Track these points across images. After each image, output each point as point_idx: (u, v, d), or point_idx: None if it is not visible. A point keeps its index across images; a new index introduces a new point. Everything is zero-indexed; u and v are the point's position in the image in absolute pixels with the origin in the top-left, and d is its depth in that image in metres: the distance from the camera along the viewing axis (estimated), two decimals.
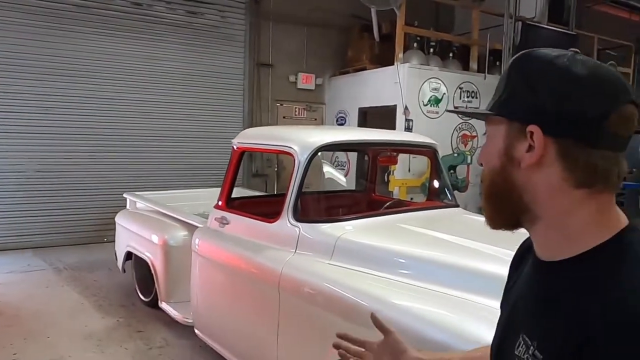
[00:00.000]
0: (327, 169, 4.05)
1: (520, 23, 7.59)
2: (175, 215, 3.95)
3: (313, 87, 8.07)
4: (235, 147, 3.23)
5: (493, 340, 0.94)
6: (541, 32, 7.74)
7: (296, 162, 2.71)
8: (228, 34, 7.27)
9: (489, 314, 1.88)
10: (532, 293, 0.81)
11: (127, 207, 4.86)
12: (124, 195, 4.93)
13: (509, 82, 0.78)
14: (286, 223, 2.67)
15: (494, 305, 1.89)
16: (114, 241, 4.86)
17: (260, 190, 6.43)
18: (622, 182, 0.75)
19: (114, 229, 4.84)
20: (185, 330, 3.57)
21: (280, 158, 7.76)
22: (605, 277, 0.68)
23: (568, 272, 0.73)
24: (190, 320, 3.40)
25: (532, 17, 7.93)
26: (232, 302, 2.94)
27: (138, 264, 4.34)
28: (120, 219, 4.58)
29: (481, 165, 0.85)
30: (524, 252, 0.96)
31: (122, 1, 6.51)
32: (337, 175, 4.54)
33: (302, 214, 2.72)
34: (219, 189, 5.28)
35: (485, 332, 1.77)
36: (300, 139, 2.79)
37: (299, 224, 2.62)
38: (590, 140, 0.70)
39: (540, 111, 0.72)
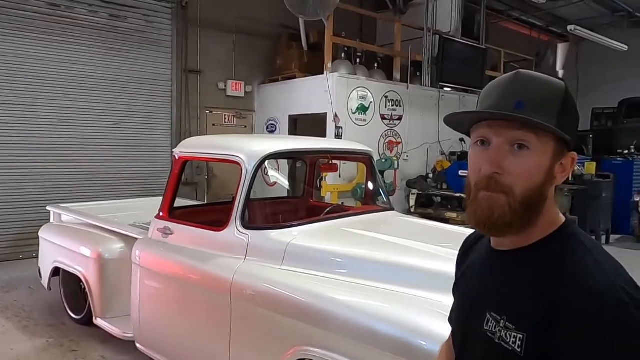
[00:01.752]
0: (273, 174, 4.11)
1: (437, 36, 8.15)
2: (109, 227, 3.81)
3: (243, 95, 8.08)
4: (176, 156, 3.20)
5: (454, 324, 1.08)
6: (456, 45, 8.37)
7: (243, 170, 2.76)
8: (154, 39, 7.08)
9: (432, 307, 2.07)
10: (494, 277, 0.95)
11: (51, 220, 4.59)
12: (48, 208, 4.64)
13: (565, 109, 0.88)
14: (234, 231, 2.71)
15: (434, 298, 2.10)
16: (35, 257, 4.56)
17: (190, 199, 6.31)
18: None
19: (35, 245, 4.54)
20: (124, 345, 3.46)
21: (210, 166, 7.67)
22: (560, 258, 0.86)
23: (530, 256, 0.90)
24: (130, 335, 3.31)
25: (447, 31, 8.54)
26: (180, 312, 2.92)
27: (67, 280, 4.12)
28: (45, 234, 4.31)
29: (494, 173, 0.86)
30: (468, 248, 1.13)
31: (37, 1, 6.12)
32: (284, 181, 4.62)
33: (250, 222, 2.77)
34: (149, 198, 5.21)
35: (428, 323, 1.96)
36: (247, 148, 2.85)
37: (248, 232, 2.67)
38: None
39: (574, 141, 0.91)
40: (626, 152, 9.85)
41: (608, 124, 12.09)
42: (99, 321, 3.59)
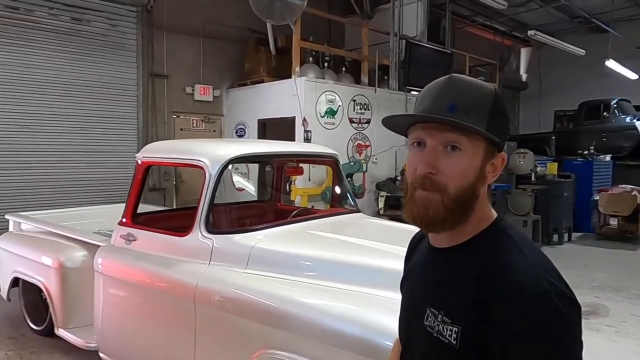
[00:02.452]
0: (238, 179, 4.09)
1: (404, 41, 8.29)
2: (71, 235, 3.72)
3: (211, 99, 8.01)
4: (139, 161, 3.17)
5: (401, 320, 1.12)
6: (422, 49, 8.52)
7: (207, 175, 2.75)
8: (119, 43, 6.95)
9: (397, 306, 2.11)
10: (432, 274, 1.00)
11: (11, 229, 4.45)
12: (6, 216, 4.50)
13: (495, 112, 0.93)
14: (198, 236, 2.69)
15: (397, 297, 2.14)
16: None
17: (158, 205, 6.22)
18: None
19: None
20: (87, 355, 3.37)
21: (178, 171, 7.57)
22: (490, 254, 0.91)
23: (463, 252, 0.94)
24: (93, 345, 3.24)
25: (414, 36, 8.69)
26: (144, 320, 2.88)
27: (27, 291, 4.00)
28: (3, 243, 4.17)
29: (428, 173, 0.90)
30: (413, 247, 1.18)
31: None
32: (249, 186, 4.60)
33: (214, 226, 2.76)
34: (114, 205, 5.11)
35: (393, 322, 1.99)
36: (211, 152, 2.84)
37: (212, 236, 2.66)
38: None
39: (503, 143, 0.96)
40: (586, 152, 10.23)
41: (569, 125, 12.54)
42: (60, 332, 3.50)
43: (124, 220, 3.13)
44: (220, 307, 2.43)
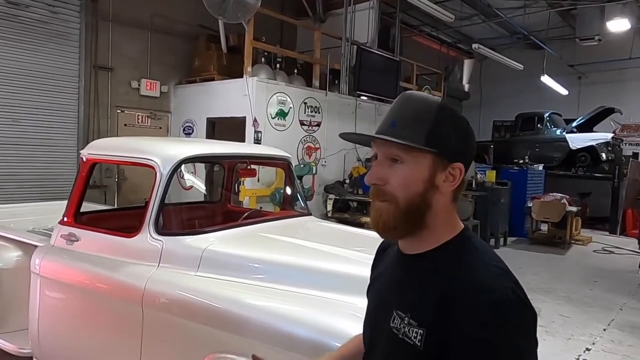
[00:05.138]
0: (189, 178, 4.00)
1: (355, 46, 8.43)
2: (4, 234, 3.49)
3: (158, 95, 7.78)
4: (84, 158, 3.03)
5: (366, 322, 1.16)
6: (372, 56, 8.70)
7: (158, 175, 2.67)
8: (60, 31, 6.60)
9: (346, 309, 2.15)
10: (400, 278, 1.05)
11: None
12: None
13: (438, 125, 0.97)
14: (147, 237, 2.61)
15: (349, 301, 2.18)
16: None
17: (98, 203, 5.96)
18: None
19: None
20: None
21: (121, 168, 7.29)
22: (456, 261, 0.96)
23: (430, 259, 0.99)
24: (27, 351, 3.06)
25: (364, 42, 8.85)
26: (85, 324, 2.75)
27: None
28: None
29: (375, 184, 1.00)
30: (380, 253, 1.23)
31: None
32: (201, 186, 4.51)
33: (165, 227, 2.70)
34: (50, 202, 4.83)
35: (343, 324, 2.03)
36: (162, 151, 2.76)
37: (162, 238, 2.59)
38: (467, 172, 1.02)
39: (462, 154, 1.00)
40: (521, 161, 10.84)
41: (506, 135, 13.24)
42: None
43: (65, 219, 2.98)
44: (170, 311, 2.37)
